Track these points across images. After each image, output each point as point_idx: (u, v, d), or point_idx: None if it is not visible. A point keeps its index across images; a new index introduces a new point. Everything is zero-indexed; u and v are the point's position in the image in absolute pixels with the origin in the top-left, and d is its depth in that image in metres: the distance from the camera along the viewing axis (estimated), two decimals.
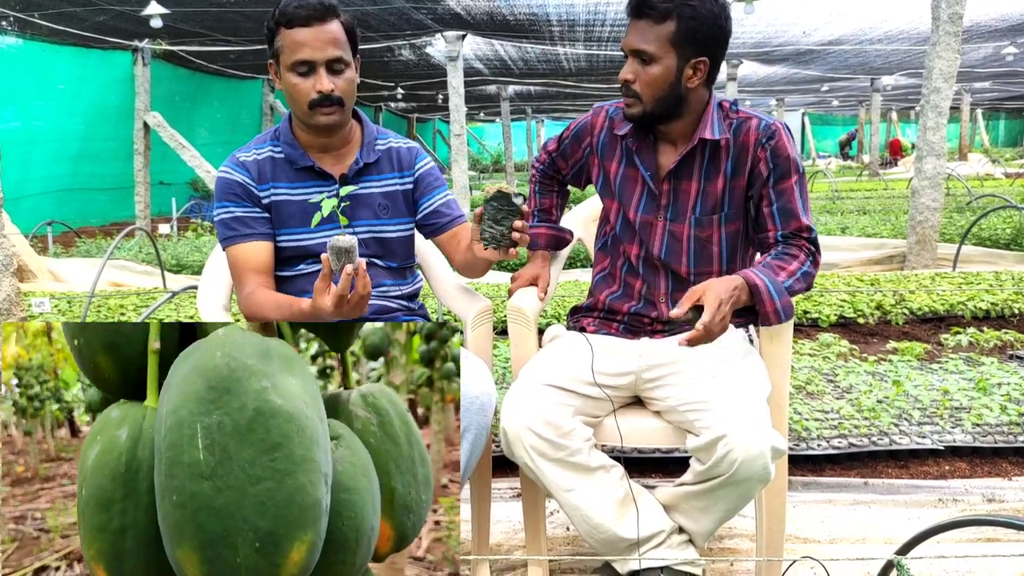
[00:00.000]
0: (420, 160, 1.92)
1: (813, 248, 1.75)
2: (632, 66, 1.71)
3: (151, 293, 5.50)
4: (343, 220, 1.52)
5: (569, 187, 2.10)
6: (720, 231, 1.80)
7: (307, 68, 1.69)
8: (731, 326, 1.88)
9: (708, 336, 1.54)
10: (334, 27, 1.70)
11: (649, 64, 1.68)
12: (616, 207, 1.88)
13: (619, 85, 1.75)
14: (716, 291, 1.56)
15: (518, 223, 1.56)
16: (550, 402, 1.70)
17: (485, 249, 1.59)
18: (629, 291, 1.89)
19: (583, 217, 2.16)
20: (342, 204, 1.54)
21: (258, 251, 1.77)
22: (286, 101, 1.77)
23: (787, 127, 1.79)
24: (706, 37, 1.67)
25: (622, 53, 1.75)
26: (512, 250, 1.61)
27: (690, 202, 1.79)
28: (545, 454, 1.67)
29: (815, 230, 1.76)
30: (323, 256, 1.42)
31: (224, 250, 1.82)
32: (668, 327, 1.85)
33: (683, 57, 1.68)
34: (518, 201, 1.55)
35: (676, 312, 1.55)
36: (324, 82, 1.69)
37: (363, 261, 1.43)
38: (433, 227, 1.91)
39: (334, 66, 1.70)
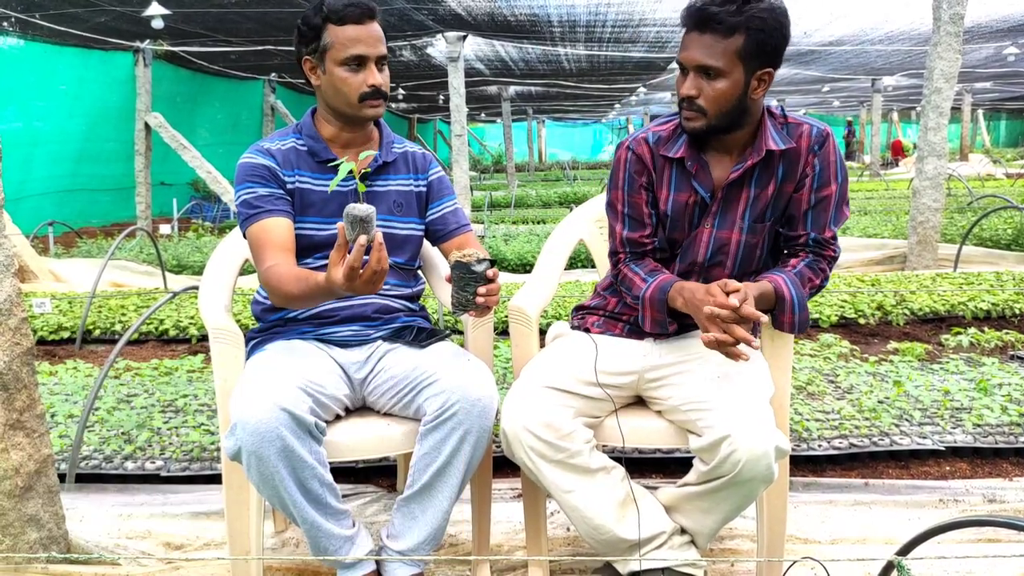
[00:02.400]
0: (433, 167, 1.98)
1: (834, 259, 1.79)
2: (695, 81, 1.63)
3: (152, 293, 5.50)
4: (361, 187, 1.50)
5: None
6: (766, 236, 1.78)
7: (359, 64, 1.76)
8: None
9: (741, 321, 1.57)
10: (378, 27, 1.79)
11: (715, 79, 1.61)
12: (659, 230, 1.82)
13: (681, 99, 1.67)
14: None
15: (482, 288, 1.56)
16: (550, 404, 1.70)
17: (453, 313, 1.60)
18: None
19: (588, 217, 2.15)
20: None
21: (280, 227, 1.76)
22: (327, 94, 1.80)
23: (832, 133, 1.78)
24: (773, 48, 1.63)
25: (678, 66, 1.67)
26: (485, 311, 1.61)
27: (740, 209, 1.75)
28: (545, 456, 1.67)
29: (837, 238, 1.80)
30: (339, 225, 1.38)
31: (245, 231, 1.78)
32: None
33: (750, 70, 1.62)
34: (479, 268, 1.55)
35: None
36: (375, 76, 1.77)
37: (380, 232, 1.38)
38: (439, 233, 1.95)
39: (380, 62, 1.79)
